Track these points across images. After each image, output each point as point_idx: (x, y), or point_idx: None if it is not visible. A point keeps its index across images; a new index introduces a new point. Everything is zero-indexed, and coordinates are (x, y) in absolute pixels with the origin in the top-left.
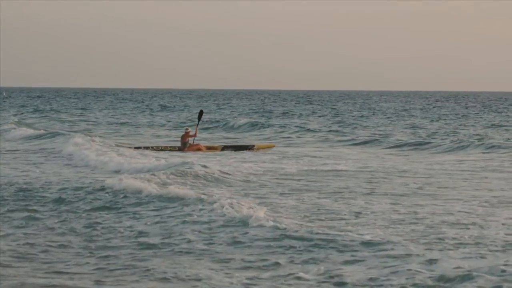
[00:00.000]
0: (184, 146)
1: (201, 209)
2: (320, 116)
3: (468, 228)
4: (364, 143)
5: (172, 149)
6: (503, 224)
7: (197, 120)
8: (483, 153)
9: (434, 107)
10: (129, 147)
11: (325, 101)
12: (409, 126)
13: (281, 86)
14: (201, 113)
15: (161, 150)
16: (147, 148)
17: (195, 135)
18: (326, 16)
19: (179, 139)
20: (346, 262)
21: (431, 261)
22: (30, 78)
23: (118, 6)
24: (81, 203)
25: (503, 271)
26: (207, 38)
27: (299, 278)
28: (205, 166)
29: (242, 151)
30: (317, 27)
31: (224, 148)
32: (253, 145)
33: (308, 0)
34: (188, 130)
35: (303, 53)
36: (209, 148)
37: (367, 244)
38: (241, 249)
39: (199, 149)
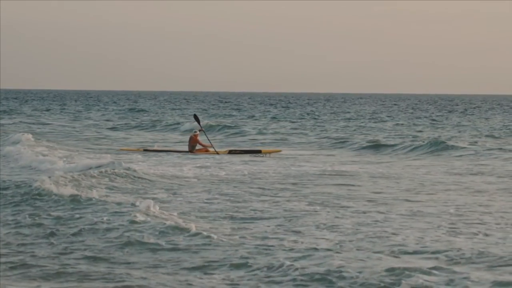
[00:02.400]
0: (193, 148)
1: (117, 213)
2: (283, 118)
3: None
4: (323, 145)
5: (180, 151)
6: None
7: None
8: (439, 155)
9: (413, 108)
10: (138, 149)
11: (304, 104)
12: (377, 128)
13: (266, 89)
14: (195, 117)
15: (169, 152)
16: (156, 150)
17: (201, 131)
18: (312, 19)
19: (187, 141)
20: (274, 268)
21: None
22: (15, 80)
23: (104, 8)
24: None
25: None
26: (191, 40)
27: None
28: (129, 169)
29: (245, 155)
30: (303, 30)
31: (231, 152)
32: (260, 150)
33: (297, 1)
34: (197, 133)
35: (290, 56)
36: (216, 152)
37: (301, 249)
38: (154, 252)
39: (206, 152)
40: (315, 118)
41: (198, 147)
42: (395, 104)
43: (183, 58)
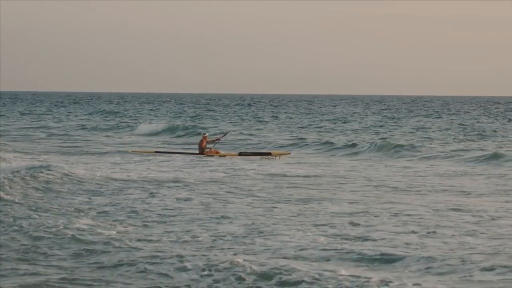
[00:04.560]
0: (202, 150)
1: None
2: (254, 119)
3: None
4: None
5: (191, 153)
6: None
7: (222, 135)
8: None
9: (394, 110)
10: (149, 151)
11: (281, 104)
12: (350, 129)
13: (257, 91)
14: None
15: (180, 154)
16: (167, 152)
17: (210, 142)
18: (297, 21)
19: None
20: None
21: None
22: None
23: (99, 9)
24: None
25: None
26: (181, 42)
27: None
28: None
29: (256, 157)
30: (289, 32)
31: (241, 154)
32: (270, 153)
33: (285, 1)
34: (206, 135)
35: (270, 57)
36: (226, 155)
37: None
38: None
39: (217, 154)
40: (291, 118)
41: (206, 149)
42: (376, 106)
43: (171, 60)
